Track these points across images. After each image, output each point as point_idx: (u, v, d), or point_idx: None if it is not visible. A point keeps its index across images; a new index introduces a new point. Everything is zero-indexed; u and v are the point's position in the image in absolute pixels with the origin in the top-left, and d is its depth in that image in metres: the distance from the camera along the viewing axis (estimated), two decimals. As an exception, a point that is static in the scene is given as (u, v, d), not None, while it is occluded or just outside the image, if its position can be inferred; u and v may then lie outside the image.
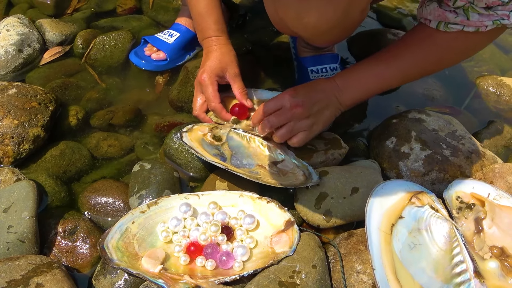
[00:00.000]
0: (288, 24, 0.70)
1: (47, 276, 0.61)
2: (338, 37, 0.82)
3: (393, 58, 0.78)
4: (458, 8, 0.68)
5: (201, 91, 0.84)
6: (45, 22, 1.06)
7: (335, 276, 0.66)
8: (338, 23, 0.68)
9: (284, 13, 0.68)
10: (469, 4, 0.66)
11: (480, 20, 0.67)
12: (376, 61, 0.79)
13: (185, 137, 0.78)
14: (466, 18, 0.68)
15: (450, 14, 0.69)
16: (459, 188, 0.73)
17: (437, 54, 0.76)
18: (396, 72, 0.78)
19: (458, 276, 0.62)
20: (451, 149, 0.82)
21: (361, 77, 0.79)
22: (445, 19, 0.70)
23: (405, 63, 0.77)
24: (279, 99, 0.77)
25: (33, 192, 0.71)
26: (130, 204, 0.75)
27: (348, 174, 0.75)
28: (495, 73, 1.10)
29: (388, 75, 0.78)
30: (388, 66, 0.78)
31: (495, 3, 0.65)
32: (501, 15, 0.67)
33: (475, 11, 0.67)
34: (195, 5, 0.87)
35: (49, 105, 0.87)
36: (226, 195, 0.73)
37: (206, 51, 0.87)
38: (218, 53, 0.85)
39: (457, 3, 0.67)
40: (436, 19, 0.72)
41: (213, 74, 0.83)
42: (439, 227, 0.66)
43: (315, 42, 0.88)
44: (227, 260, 0.65)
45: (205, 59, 0.86)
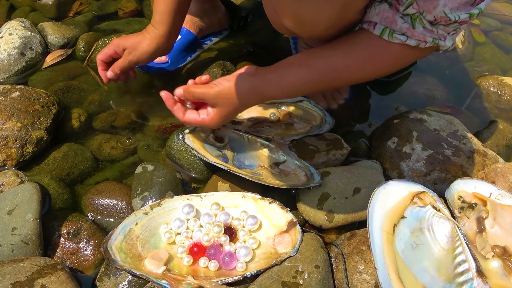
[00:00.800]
0: (285, 23, 0.70)
1: (51, 277, 0.61)
2: (333, 36, 0.82)
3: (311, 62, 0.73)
4: (407, 15, 0.65)
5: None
6: (47, 25, 1.07)
7: (338, 276, 0.66)
8: (334, 23, 0.68)
9: (281, 12, 0.69)
10: (419, 14, 0.64)
11: (423, 33, 0.66)
12: (302, 62, 0.73)
13: (187, 139, 0.79)
14: (412, 27, 0.65)
15: (399, 19, 0.66)
16: (461, 187, 0.73)
17: (372, 60, 0.72)
18: (312, 77, 0.73)
19: (460, 275, 0.62)
20: (452, 149, 0.82)
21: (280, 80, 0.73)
22: (393, 24, 0.67)
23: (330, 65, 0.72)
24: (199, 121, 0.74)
25: (37, 194, 0.71)
26: (133, 205, 0.75)
27: (350, 175, 0.76)
28: (496, 73, 1.10)
29: (303, 78, 0.72)
30: (304, 69, 0.72)
31: (442, 18, 0.64)
32: (440, 35, 0.67)
33: (421, 23, 0.65)
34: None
35: (52, 108, 0.87)
36: (229, 196, 0.74)
37: (142, 31, 0.89)
38: (141, 37, 0.86)
39: (408, 10, 0.64)
40: (383, 22, 0.67)
41: (119, 42, 0.87)
42: (441, 227, 0.67)
43: (313, 42, 0.88)
44: (230, 261, 0.65)
45: (134, 34, 0.89)
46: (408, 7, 0.64)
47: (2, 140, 0.79)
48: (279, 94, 0.74)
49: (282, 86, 0.72)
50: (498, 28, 1.25)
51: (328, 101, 0.94)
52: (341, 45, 0.73)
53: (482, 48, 1.18)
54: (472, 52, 1.16)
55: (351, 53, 0.72)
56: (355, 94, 0.97)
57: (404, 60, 0.74)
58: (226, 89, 0.71)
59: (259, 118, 0.88)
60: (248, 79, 0.72)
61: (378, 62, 0.73)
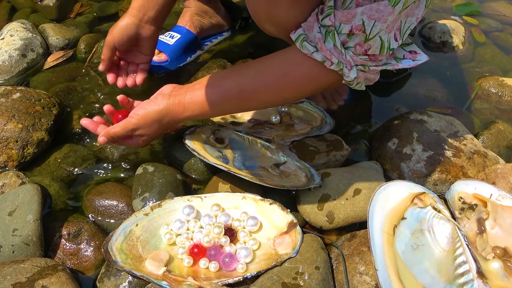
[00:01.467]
0: (264, 27, 0.70)
1: (52, 278, 0.61)
2: None
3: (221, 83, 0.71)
4: (324, 26, 0.62)
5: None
6: (48, 27, 1.07)
7: (338, 277, 0.66)
8: None
9: (257, 17, 0.68)
10: (333, 28, 0.62)
11: (330, 51, 0.62)
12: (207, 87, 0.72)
13: (187, 140, 0.79)
14: (324, 39, 0.63)
15: (316, 26, 0.63)
16: (461, 189, 0.73)
17: (273, 82, 0.69)
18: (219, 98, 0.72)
19: (461, 276, 0.62)
20: (453, 150, 0.82)
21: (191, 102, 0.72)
22: (310, 30, 0.64)
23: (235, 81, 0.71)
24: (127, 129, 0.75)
25: (38, 195, 0.71)
26: (134, 206, 0.75)
27: (350, 176, 0.76)
28: (497, 73, 1.10)
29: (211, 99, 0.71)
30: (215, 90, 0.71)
31: (358, 28, 0.60)
32: (347, 61, 0.64)
33: (333, 40, 0.62)
34: None
35: (52, 109, 0.87)
36: (229, 197, 0.74)
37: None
38: (117, 23, 0.85)
39: (325, 21, 0.62)
40: (304, 26, 0.65)
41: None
42: (442, 228, 0.66)
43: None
44: (230, 262, 0.66)
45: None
46: (326, 18, 0.62)
47: (3, 141, 0.80)
48: (192, 115, 0.74)
49: (192, 108, 0.72)
50: (498, 29, 1.25)
51: (328, 102, 0.94)
52: (259, 63, 0.71)
53: (483, 49, 1.18)
54: (472, 53, 1.16)
55: (262, 73, 0.70)
56: (355, 95, 0.97)
57: (312, 83, 0.69)
58: (142, 117, 0.73)
59: (260, 120, 0.88)
60: (162, 101, 0.73)
61: (287, 82, 0.69)
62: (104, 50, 0.87)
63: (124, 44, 0.87)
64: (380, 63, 0.65)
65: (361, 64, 0.65)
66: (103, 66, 0.88)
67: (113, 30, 0.85)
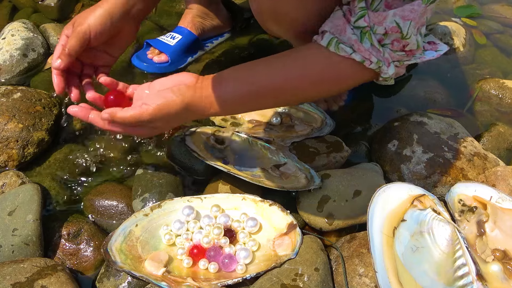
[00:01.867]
0: (268, 26, 0.69)
1: (51, 278, 0.61)
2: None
3: (252, 79, 0.67)
4: (358, 28, 0.62)
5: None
6: (49, 27, 1.07)
7: (338, 279, 0.66)
8: (313, 27, 0.67)
9: (261, 16, 0.68)
10: (369, 28, 0.61)
11: (369, 51, 0.62)
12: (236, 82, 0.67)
13: (188, 141, 0.79)
14: (360, 40, 0.62)
15: (349, 29, 0.62)
16: (461, 191, 0.73)
17: (307, 78, 0.66)
18: (251, 95, 0.67)
19: (460, 279, 0.62)
20: (453, 152, 0.82)
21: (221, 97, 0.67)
22: (342, 33, 0.63)
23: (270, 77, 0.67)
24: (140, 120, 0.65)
25: (38, 195, 0.71)
26: (134, 207, 0.75)
27: (350, 177, 0.76)
28: (497, 76, 1.10)
29: (240, 95, 0.67)
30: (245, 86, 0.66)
31: (394, 29, 0.59)
32: (385, 58, 0.63)
33: (370, 40, 0.61)
34: None
35: (53, 109, 0.87)
36: (229, 198, 0.74)
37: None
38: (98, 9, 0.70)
39: (359, 22, 0.61)
40: (332, 30, 0.64)
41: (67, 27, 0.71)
42: (441, 230, 0.66)
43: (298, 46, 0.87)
44: (230, 263, 0.66)
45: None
46: (359, 19, 0.61)
47: (3, 141, 0.80)
48: (218, 112, 0.68)
49: (221, 104, 0.66)
50: (499, 31, 1.25)
51: (328, 103, 0.94)
52: (290, 59, 0.67)
53: (483, 51, 1.18)
54: (473, 55, 1.16)
55: (299, 70, 0.66)
56: (355, 96, 0.97)
57: (348, 81, 0.68)
58: (161, 108, 0.64)
59: (260, 121, 0.88)
60: (187, 93, 0.65)
61: (322, 80, 0.67)
62: (72, 41, 0.67)
63: (101, 38, 0.70)
64: (411, 57, 0.65)
65: (397, 60, 0.64)
66: (64, 61, 0.67)
67: (89, 17, 0.68)
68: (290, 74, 0.66)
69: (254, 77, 0.67)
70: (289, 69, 0.66)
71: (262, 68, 0.67)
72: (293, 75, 0.66)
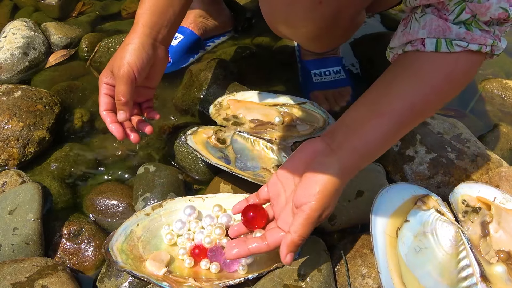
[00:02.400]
0: (278, 29, 0.69)
1: (52, 278, 0.61)
2: (331, 44, 0.78)
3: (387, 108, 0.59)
4: (460, 22, 0.57)
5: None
6: (50, 26, 1.07)
7: (340, 280, 0.66)
8: (327, 30, 0.66)
9: (273, 19, 0.68)
10: (473, 18, 0.56)
11: (483, 36, 0.57)
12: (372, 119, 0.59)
13: (189, 140, 0.78)
14: (470, 31, 0.57)
15: (453, 25, 0.57)
16: (465, 191, 0.72)
17: (439, 87, 0.59)
18: (395, 125, 0.59)
19: (464, 280, 0.61)
20: (456, 152, 0.81)
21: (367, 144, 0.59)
22: (447, 32, 0.57)
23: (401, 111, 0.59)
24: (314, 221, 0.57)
25: (38, 195, 0.71)
26: (135, 206, 0.75)
27: (353, 178, 0.75)
28: (500, 76, 1.10)
29: (387, 131, 0.59)
30: (385, 119, 0.58)
31: (501, 15, 0.55)
32: (496, 36, 0.58)
33: (478, 26, 0.56)
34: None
35: (54, 108, 0.87)
36: (231, 198, 0.73)
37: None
38: (121, 52, 0.69)
39: (461, 17, 0.56)
40: (433, 32, 0.58)
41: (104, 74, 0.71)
42: (445, 231, 0.66)
43: (309, 48, 0.87)
44: (232, 263, 0.65)
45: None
46: (461, 14, 0.56)
47: (4, 139, 0.79)
48: (369, 161, 0.61)
49: (370, 151, 0.58)
50: (502, 31, 1.24)
51: (330, 103, 0.93)
52: (399, 77, 0.60)
53: (486, 51, 1.17)
54: (476, 55, 1.16)
55: (421, 83, 0.59)
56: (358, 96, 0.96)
57: (472, 70, 0.62)
58: (323, 196, 0.55)
59: (262, 120, 0.88)
60: (331, 162, 0.56)
61: (452, 83, 0.60)
62: (121, 88, 0.66)
63: (143, 73, 0.69)
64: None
65: (504, 31, 0.59)
66: (126, 112, 0.67)
67: (125, 57, 0.67)
68: (417, 97, 0.59)
69: (382, 108, 0.59)
70: (415, 92, 0.59)
71: (382, 96, 0.60)
72: (421, 97, 0.59)
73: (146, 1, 0.71)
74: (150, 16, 0.70)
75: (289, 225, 0.56)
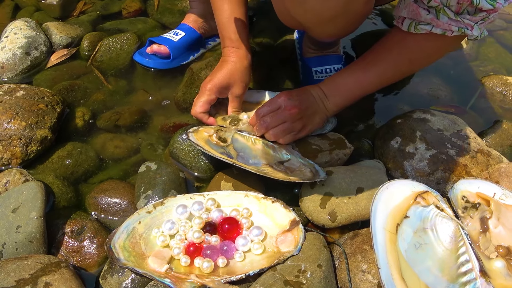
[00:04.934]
0: (291, 10, 0.71)
1: (55, 275, 0.61)
2: (341, 30, 0.81)
3: (370, 64, 0.81)
4: (431, 7, 0.70)
5: (198, 95, 0.85)
6: (51, 25, 1.07)
7: (341, 276, 0.66)
8: (341, 11, 0.68)
9: (290, 2, 0.69)
10: (441, 6, 0.68)
11: (448, 23, 0.70)
12: (356, 68, 0.82)
13: (191, 137, 0.79)
14: (436, 17, 0.70)
15: (423, 11, 0.71)
16: (465, 187, 0.73)
17: (409, 56, 0.79)
18: (374, 77, 0.81)
19: (464, 275, 0.62)
20: (456, 148, 0.81)
21: (343, 84, 0.82)
22: (417, 16, 0.72)
23: (382, 68, 0.80)
24: (275, 101, 0.79)
25: (41, 193, 0.72)
26: (137, 204, 0.75)
27: (353, 174, 0.75)
28: (501, 72, 1.10)
29: (367, 80, 0.81)
30: (366, 71, 0.80)
31: (466, 1, 0.66)
32: (466, 24, 0.70)
33: (446, 14, 0.69)
34: (219, 15, 0.87)
35: (56, 107, 0.87)
36: (231, 195, 0.74)
37: (222, 59, 0.87)
38: (231, 66, 0.85)
39: (431, 3, 0.69)
40: (409, 15, 0.73)
41: (216, 86, 0.83)
42: (445, 227, 0.66)
43: (319, 34, 0.87)
44: (229, 250, 0.66)
45: (218, 67, 0.86)
46: (430, 1, 0.68)
47: (7, 138, 0.80)
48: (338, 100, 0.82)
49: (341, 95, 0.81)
50: (503, 28, 1.24)
51: None
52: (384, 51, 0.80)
53: (487, 48, 1.17)
54: (476, 52, 1.16)
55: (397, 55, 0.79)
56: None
57: (439, 49, 0.79)
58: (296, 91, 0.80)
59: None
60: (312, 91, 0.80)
61: (421, 55, 0.79)
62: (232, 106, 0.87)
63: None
64: (493, 14, 0.71)
65: (482, 19, 0.70)
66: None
67: (240, 84, 0.85)
68: (395, 66, 0.80)
69: (364, 80, 0.81)
70: (392, 63, 0.80)
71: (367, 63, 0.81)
72: (398, 66, 0.80)
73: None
74: (236, 34, 0.87)
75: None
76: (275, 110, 0.79)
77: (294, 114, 0.78)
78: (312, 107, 0.80)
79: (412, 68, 0.86)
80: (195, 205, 0.71)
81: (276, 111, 0.79)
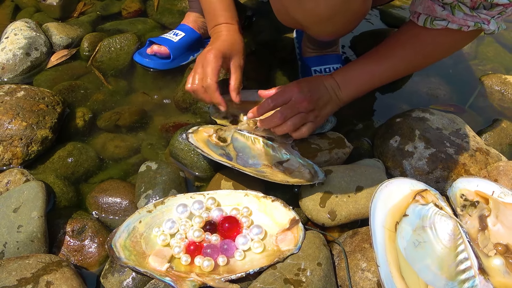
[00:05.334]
0: (289, 9, 0.71)
1: (56, 274, 0.62)
2: (340, 29, 0.81)
3: (384, 57, 0.81)
4: (446, 4, 0.70)
5: (202, 66, 0.79)
6: (51, 26, 1.08)
7: (340, 274, 0.66)
8: (339, 10, 0.69)
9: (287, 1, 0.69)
10: (456, 2, 0.69)
11: (464, 18, 0.70)
12: (369, 60, 0.82)
13: (191, 138, 0.79)
14: (452, 14, 0.71)
15: (438, 7, 0.71)
16: (463, 186, 0.73)
17: (423, 51, 0.79)
18: (387, 70, 0.81)
19: (462, 273, 0.62)
20: (455, 147, 0.82)
21: (356, 76, 0.81)
22: (433, 12, 0.73)
23: (395, 61, 0.81)
24: (287, 92, 0.77)
25: (42, 193, 0.72)
26: (137, 203, 0.76)
27: (353, 173, 0.76)
28: (500, 71, 1.10)
29: (379, 73, 0.81)
30: (380, 64, 0.81)
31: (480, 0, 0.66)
32: (482, 19, 0.70)
33: (461, 10, 0.70)
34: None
35: (56, 107, 0.88)
36: (231, 195, 0.74)
37: (215, 36, 0.85)
38: (229, 37, 0.84)
39: (446, 0, 0.69)
40: (424, 11, 0.74)
41: (220, 52, 0.80)
42: (444, 225, 0.67)
43: (317, 33, 0.87)
44: (229, 249, 0.66)
45: (213, 41, 0.84)
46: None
47: (7, 139, 0.80)
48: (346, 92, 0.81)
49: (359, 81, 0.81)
50: (501, 27, 1.25)
51: None
52: (398, 44, 0.80)
53: (486, 47, 1.17)
54: (475, 51, 1.16)
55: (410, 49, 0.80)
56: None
57: (455, 44, 0.80)
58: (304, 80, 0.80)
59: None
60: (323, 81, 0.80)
61: (435, 50, 0.79)
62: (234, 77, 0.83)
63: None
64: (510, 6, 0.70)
65: (498, 14, 0.70)
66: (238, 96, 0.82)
67: (239, 54, 0.83)
68: (409, 60, 0.81)
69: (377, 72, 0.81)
70: (406, 56, 0.80)
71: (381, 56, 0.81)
72: (412, 60, 0.81)
73: None
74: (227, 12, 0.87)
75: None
76: (286, 102, 0.77)
77: (306, 106, 0.77)
78: (324, 97, 0.79)
79: (426, 62, 0.85)
80: (195, 204, 0.71)
81: (290, 102, 0.77)
